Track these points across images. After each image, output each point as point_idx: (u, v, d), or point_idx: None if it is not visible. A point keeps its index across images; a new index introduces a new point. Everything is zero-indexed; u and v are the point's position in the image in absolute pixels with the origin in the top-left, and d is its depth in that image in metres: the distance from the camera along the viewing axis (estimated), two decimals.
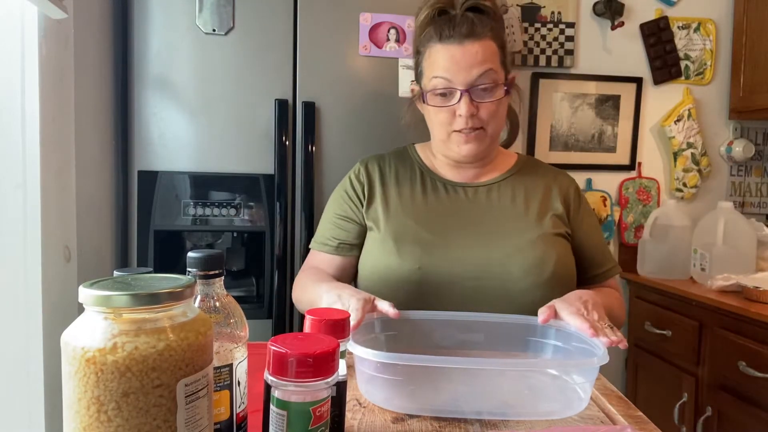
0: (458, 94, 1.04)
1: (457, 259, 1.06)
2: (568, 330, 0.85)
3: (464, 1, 1.07)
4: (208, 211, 1.51)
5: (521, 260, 1.05)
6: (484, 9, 1.08)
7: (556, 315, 0.87)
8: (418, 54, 1.12)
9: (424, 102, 1.11)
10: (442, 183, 1.16)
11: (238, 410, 0.58)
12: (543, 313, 0.86)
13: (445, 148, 1.13)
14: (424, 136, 1.20)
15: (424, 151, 1.22)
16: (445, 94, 1.06)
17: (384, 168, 1.18)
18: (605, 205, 2.30)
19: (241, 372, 0.58)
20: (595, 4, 2.24)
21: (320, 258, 1.17)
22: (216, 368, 0.54)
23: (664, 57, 2.30)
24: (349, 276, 1.18)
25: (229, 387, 0.57)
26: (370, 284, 1.10)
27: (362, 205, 1.16)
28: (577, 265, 1.14)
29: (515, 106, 1.22)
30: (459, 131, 1.07)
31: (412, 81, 1.20)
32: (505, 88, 1.08)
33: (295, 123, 1.54)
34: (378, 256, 1.09)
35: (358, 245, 1.16)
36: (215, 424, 0.55)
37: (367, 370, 0.74)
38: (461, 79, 1.03)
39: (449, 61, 1.04)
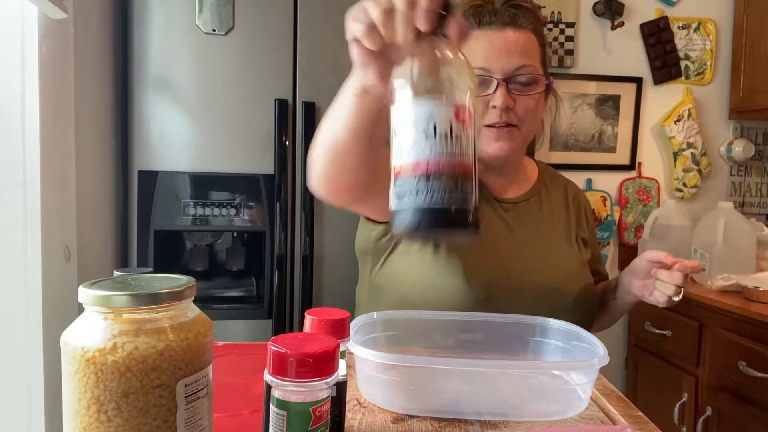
0: (494, 83, 0.95)
1: (518, 285, 0.98)
2: (569, 329, 0.86)
3: (504, 2, 0.99)
4: (208, 211, 1.51)
5: (570, 291, 1.01)
6: (525, 6, 1.00)
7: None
8: None
9: None
10: (482, 194, 1.02)
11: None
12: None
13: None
14: None
15: None
16: (482, 83, 0.96)
17: None
18: (605, 205, 2.30)
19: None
20: (595, 4, 2.24)
21: None
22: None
23: (664, 57, 2.30)
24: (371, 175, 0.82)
25: None
26: (416, 300, 0.96)
27: None
28: None
29: (551, 116, 1.12)
30: (491, 126, 0.97)
31: None
32: (546, 81, 1.00)
33: (295, 123, 1.54)
34: (434, 272, 0.96)
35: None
36: None
37: (367, 370, 0.74)
38: (499, 67, 0.95)
39: (488, 48, 0.96)
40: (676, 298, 0.90)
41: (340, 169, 0.78)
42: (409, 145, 0.51)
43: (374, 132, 0.72)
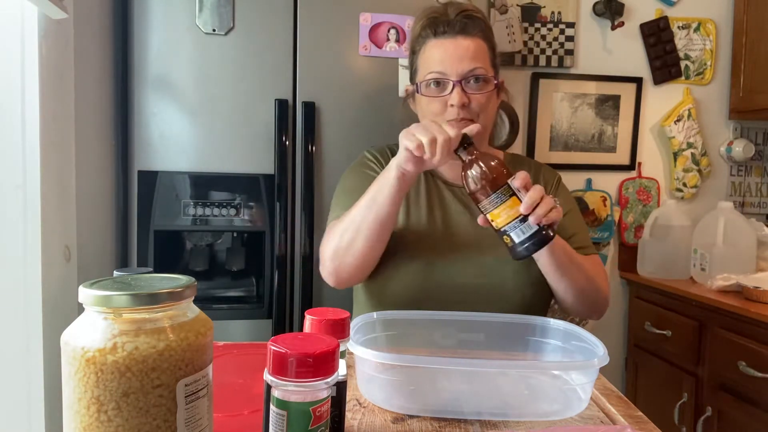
0: (450, 85, 1.09)
1: (461, 259, 1.11)
2: (569, 329, 0.86)
3: (457, 13, 1.12)
4: (208, 211, 1.51)
5: (512, 261, 1.07)
6: (475, 16, 1.14)
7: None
8: (413, 54, 1.18)
9: (418, 92, 1.14)
10: (441, 181, 1.20)
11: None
12: (523, 174, 0.91)
13: None
14: None
15: None
16: (439, 83, 1.10)
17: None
18: (605, 205, 2.30)
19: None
20: (595, 4, 2.24)
21: None
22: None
23: (664, 57, 2.30)
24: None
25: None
26: (377, 281, 1.13)
27: None
28: None
29: (505, 107, 1.27)
30: (450, 122, 1.10)
31: (407, 85, 1.24)
32: (495, 81, 1.12)
33: (295, 123, 1.54)
34: (386, 254, 1.11)
35: None
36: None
37: (367, 370, 0.74)
38: (454, 70, 1.08)
39: (443, 54, 1.10)
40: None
41: (377, 245, 1.05)
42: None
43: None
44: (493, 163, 0.89)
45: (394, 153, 1.20)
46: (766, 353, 1.58)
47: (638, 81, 2.30)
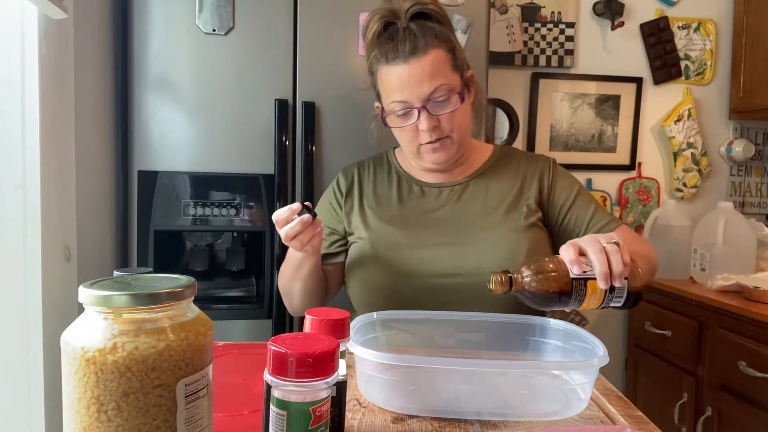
0: (416, 112, 1.06)
1: (431, 259, 1.09)
2: (569, 329, 0.86)
3: (408, 8, 1.07)
4: (208, 211, 1.51)
5: (493, 255, 1.06)
6: (429, 13, 1.08)
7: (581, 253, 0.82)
8: (371, 74, 1.14)
9: (386, 125, 1.13)
10: (417, 185, 1.19)
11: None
12: (568, 252, 0.81)
13: (418, 159, 1.15)
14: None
15: (401, 154, 1.24)
16: (405, 114, 1.07)
17: (363, 175, 1.23)
18: (605, 205, 2.30)
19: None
20: (595, 4, 2.24)
21: None
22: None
23: (664, 57, 2.30)
24: (330, 283, 1.22)
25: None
26: (356, 291, 1.15)
27: (343, 215, 1.20)
28: (571, 234, 1.13)
29: (481, 100, 1.21)
30: (425, 144, 1.09)
31: (376, 104, 1.21)
32: (459, 93, 1.07)
33: (295, 123, 1.54)
34: (359, 264, 1.14)
35: (339, 254, 1.20)
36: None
37: (367, 370, 0.74)
38: (415, 97, 1.04)
39: (399, 82, 1.05)
40: None
41: (314, 294, 1.17)
42: None
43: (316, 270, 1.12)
44: (549, 277, 0.80)
45: (374, 166, 1.24)
46: (766, 353, 1.58)
47: (638, 81, 2.30)
